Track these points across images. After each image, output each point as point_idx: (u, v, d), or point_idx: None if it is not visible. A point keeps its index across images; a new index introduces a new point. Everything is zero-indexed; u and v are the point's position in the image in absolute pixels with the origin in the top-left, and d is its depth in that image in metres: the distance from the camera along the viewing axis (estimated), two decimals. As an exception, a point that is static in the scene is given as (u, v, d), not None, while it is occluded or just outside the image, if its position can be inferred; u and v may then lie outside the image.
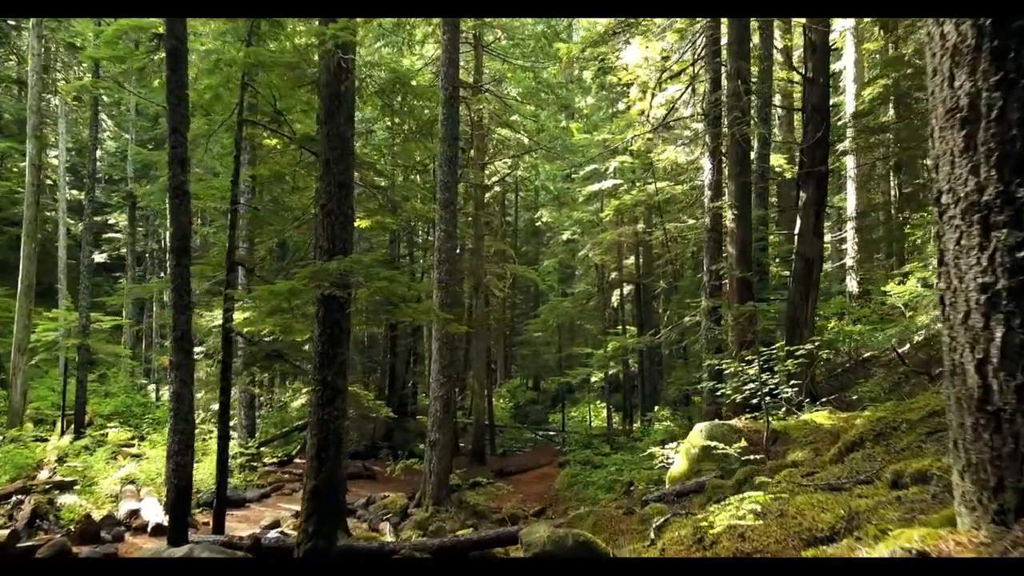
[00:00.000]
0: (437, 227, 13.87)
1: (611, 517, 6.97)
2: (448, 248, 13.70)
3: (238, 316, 8.84)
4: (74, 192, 30.58)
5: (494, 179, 25.11)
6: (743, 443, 7.87)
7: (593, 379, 26.05)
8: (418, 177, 25.02)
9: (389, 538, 11.17)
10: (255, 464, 14.66)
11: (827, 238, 21.72)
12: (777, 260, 19.46)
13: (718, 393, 9.17)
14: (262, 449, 18.23)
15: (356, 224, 10.28)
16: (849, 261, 21.26)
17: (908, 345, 10.16)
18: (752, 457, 7.68)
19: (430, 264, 20.38)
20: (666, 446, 9.38)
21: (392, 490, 15.49)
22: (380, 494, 15.07)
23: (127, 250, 29.39)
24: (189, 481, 7.77)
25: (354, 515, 12.81)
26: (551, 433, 27.55)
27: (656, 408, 25.50)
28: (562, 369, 30.52)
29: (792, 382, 8.36)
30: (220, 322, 8.77)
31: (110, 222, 33.13)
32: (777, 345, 7.86)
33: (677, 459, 8.57)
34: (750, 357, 7.74)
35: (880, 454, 4.77)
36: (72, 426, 18.40)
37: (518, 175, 29.00)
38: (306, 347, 9.75)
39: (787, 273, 19.12)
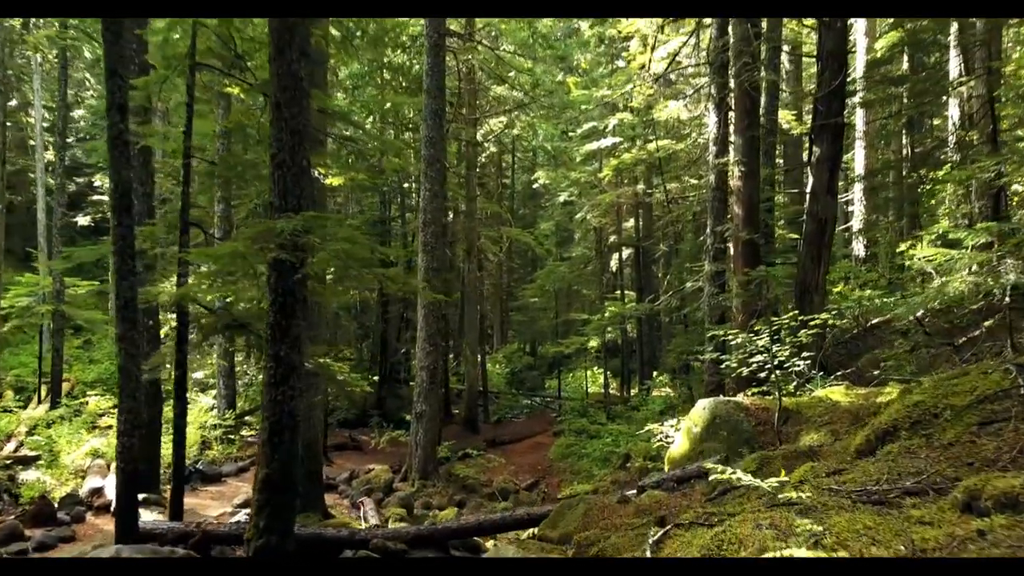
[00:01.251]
0: (422, 186, 12.97)
1: (603, 507, 6.24)
2: (434, 209, 12.81)
3: (194, 283, 8.03)
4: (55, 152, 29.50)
5: (489, 138, 24.06)
6: (751, 422, 7.13)
7: (591, 344, 25.36)
8: (409, 135, 23.98)
9: (371, 516, 10.52)
10: (233, 436, 13.97)
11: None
12: (782, 222, 18.58)
13: (721, 365, 8.38)
14: (247, 419, 17.61)
15: (328, 182, 9.41)
16: (856, 224, 20.35)
17: (921, 311, 9.34)
18: (762, 440, 6.94)
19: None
20: (665, 423, 8.64)
21: (379, 462, 14.87)
22: (365, 467, 14.44)
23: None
24: (136, 465, 7.02)
25: (335, 490, 12.16)
26: (547, 400, 26.99)
27: (655, 374, 24.86)
28: (558, 336, 29.84)
29: (804, 354, 7.58)
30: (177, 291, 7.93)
31: (95, 184, 32.07)
32: (789, 314, 7.05)
33: (677, 438, 7.83)
34: (760, 327, 6.95)
35: (921, 447, 3.99)
36: (50, 395, 17.74)
37: (514, 134, 27.92)
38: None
39: (794, 236, 18.30)
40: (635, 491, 6.68)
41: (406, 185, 25.94)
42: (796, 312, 7.18)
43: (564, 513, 6.41)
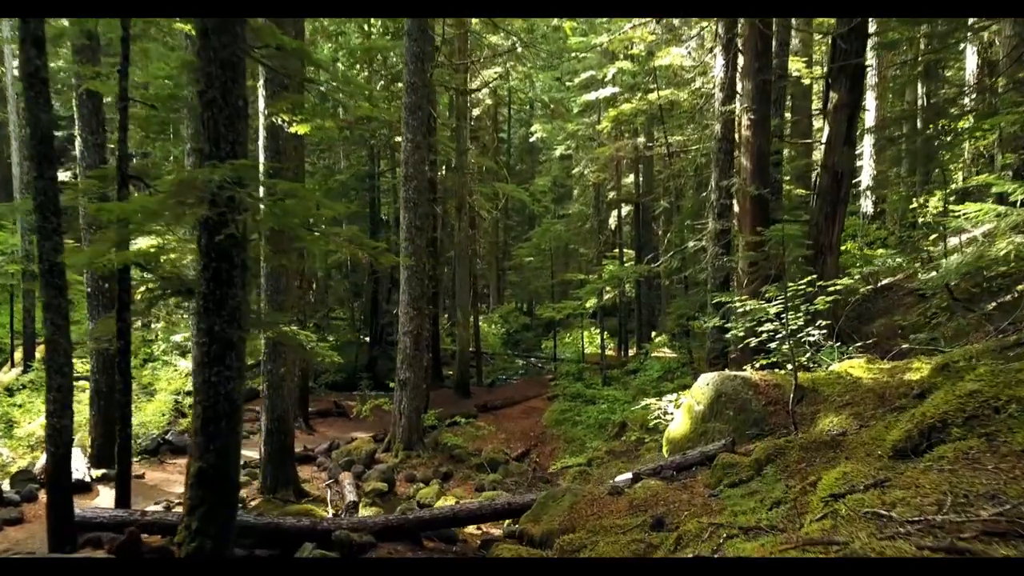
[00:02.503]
0: (404, 136, 11.97)
1: (592, 500, 5.48)
2: (416, 161, 11.83)
3: (143, 243, 7.16)
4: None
5: (483, 89, 22.82)
6: (760, 401, 6.34)
7: (588, 304, 24.54)
8: (400, 86, 22.73)
9: (349, 492, 9.84)
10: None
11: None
12: (789, 177, 17.58)
13: (726, 334, 7.55)
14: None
15: (292, 130, 8.44)
16: (866, 179, 19.34)
17: (955, 279, 8.49)
18: (773, 421, 6.16)
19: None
20: (664, 398, 7.86)
21: (364, 430, 14.21)
22: (348, 436, 13.78)
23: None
24: (68, 449, 6.26)
25: (314, 462, 11.48)
26: (542, 362, 26.32)
27: (653, 335, 24.13)
28: (555, 297, 29.01)
29: (819, 323, 6.76)
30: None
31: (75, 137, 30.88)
32: (807, 278, 6.20)
33: (677, 415, 7.06)
34: (773, 293, 6.12)
35: (984, 453, 3.18)
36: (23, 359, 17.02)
37: (510, 86, 26.64)
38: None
39: (801, 192, 17.31)
40: (629, 479, 5.92)
41: (398, 139, 24.81)
42: (815, 276, 6.32)
43: (548, 505, 5.67)
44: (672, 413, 7.59)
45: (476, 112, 27.82)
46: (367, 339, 24.00)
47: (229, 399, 4.92)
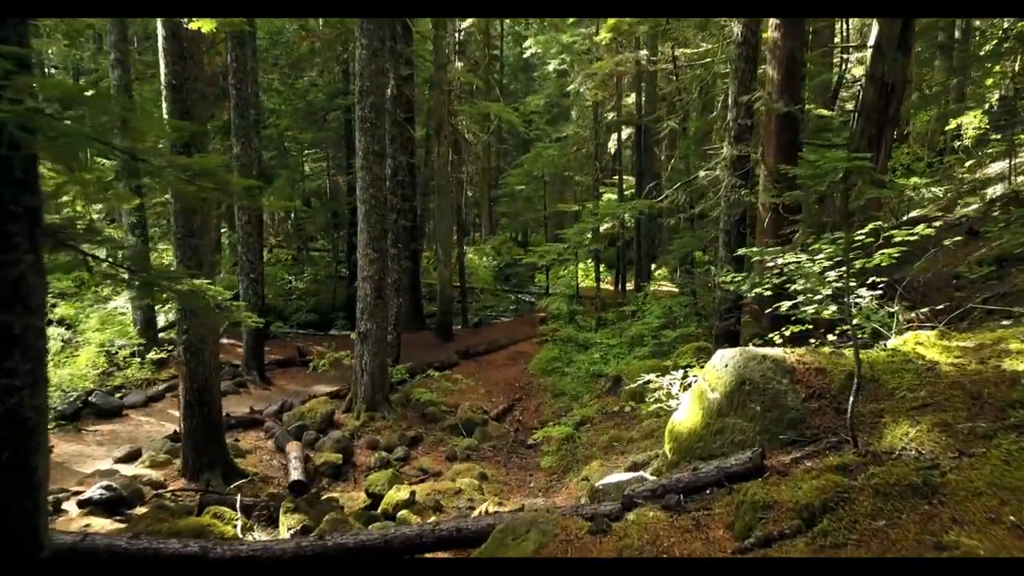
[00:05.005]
0: (358, 43, 9.92)
1: (566, 542, 3.91)
2: (373, 72, 9.83)
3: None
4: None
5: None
6: (798, 393, 4.70)
7: (585, 240, 22.74)
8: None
9: (295, 469, 8.37)
10: (157, 357, 11.61)
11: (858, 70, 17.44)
12: (808, 94, 15.46)
13: (748, 292, 5.83)
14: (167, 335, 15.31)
15: (193, 26, 6.49)
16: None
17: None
18: (817, 423, 4.54)
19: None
20: (667, 377, 6.18)
21: (329, 383, 12.72)
22: (310, 390, 12.29)
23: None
24: None
25: (260, 427, 10.00)
26: (535, 298, 24.74)
27: (653, 268, 22.45)
28: (548, 230, 27.20)
29: (871, 280, 5.05)
30: None
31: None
32: (872, 225, 4.45)
33: (685, 403, 5.43)
34: (822, 244, 4.39)
35: None
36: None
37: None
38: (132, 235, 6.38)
39: (824, 113, 15.18)
40: (618, 507, 4.34)
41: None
42: (880, 223, 4.57)
43: (507, 546, 4.10)
44: (677, 397, 5.99)
45: (465, 24, 25.29)
46: (345, 271, 22.27)
47: (15, 419, 3.26)
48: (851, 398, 3.97)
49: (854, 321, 4.33)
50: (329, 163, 25.21)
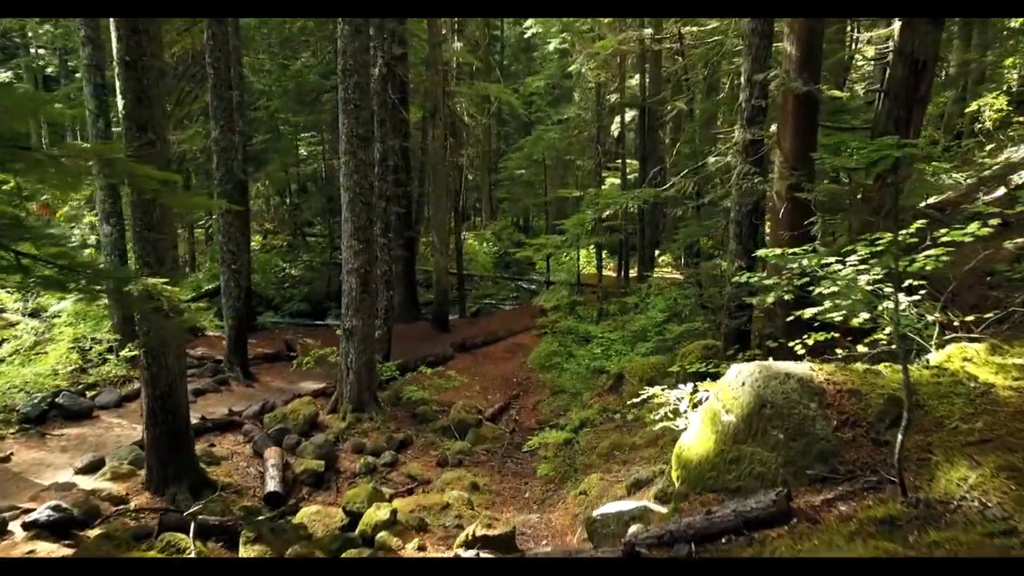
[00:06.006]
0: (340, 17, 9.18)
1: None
2: (356, 50, 9.10)
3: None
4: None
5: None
6: (828, 420, 4.05)
7: (589, 212, 21.91)
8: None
9: (271, 479, 7.79)
10: (115, 355, 10.98)
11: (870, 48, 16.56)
12: (825, 73, 14.63)
13: (765, 299, 5.15)
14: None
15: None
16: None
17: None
18: (851, 457, 3.88)
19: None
20: (671, 392, 5.51)
21: (315, 379, 12.09)
22: (296, 388, 11.67)
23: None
24: None
25: (239, 429, 9.39)
26: (535, 285, 24.07)
27: (657, 253, 21.75)
28: (548, 216, 26.46)
29: (908, 283, 4.38)
30: None
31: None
32: (916, 224, 3.78)
33: (696, 424, 4.78)
34: (860, 247, 3.73)
35: None
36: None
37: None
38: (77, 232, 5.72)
39: (837, 94, 14.35)
40: (619, 554, 3.70)
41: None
42: (926, 222, 3.89)
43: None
44: (685, 414, 5.33)
45: (462, 3, 24.40)
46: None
47: None
48: (899, 435, 3.32)
49: (900, 333, 3.66)
50: (325, 147, 24.44)
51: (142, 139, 6.55)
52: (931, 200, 12.74)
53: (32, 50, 27.45)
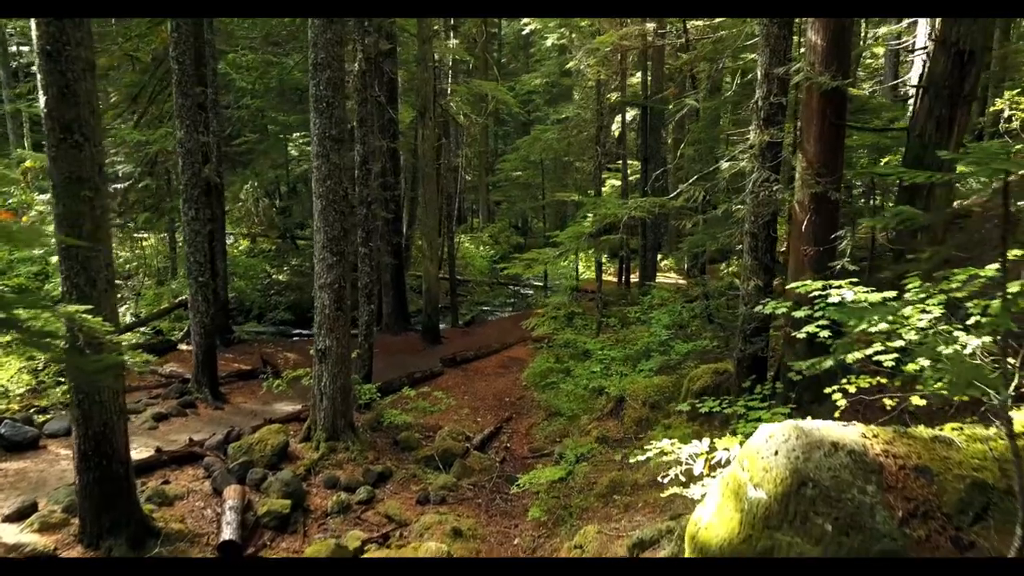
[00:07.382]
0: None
1: None
2: (328, 42, 8.19)
3: None
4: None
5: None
6: (889, 507, 3.14)
7: (586, 223, 21.03)
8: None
9: (228, 527, 6.89)
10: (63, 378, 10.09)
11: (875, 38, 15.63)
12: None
13: (799, 333, 4.23)
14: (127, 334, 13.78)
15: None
16: (915, 76, 15.40)
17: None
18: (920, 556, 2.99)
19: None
20: (683, 450, 4.57)
21: (291, 401, 11.19)
22: (268, 411, 10.76)
23: None
24: None
25: (199, 462, 8.47)
26: (533, 291, 23.19)
27: (659, 259, 20.85)
28: (546, 220, 25.58)
29: (970, 320, 3.48)
30: None
31: None
32: (999, 262, 2.89)
33: (715, 497, 3.85)
34: (936, 288, 2.84)
35: None
36: None
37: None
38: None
39: (855, 93, 13.43)
40: None
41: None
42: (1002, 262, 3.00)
43: None
44: (700, 476, 4.39)
45: (458, -2, 23.49)
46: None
47: None
48: (1015, 542, 2.41)
49: (1005, 395, 2.76)
50: (315, 147, 23.56)
51: (67, 141, 5.65)
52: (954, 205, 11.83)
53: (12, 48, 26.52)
